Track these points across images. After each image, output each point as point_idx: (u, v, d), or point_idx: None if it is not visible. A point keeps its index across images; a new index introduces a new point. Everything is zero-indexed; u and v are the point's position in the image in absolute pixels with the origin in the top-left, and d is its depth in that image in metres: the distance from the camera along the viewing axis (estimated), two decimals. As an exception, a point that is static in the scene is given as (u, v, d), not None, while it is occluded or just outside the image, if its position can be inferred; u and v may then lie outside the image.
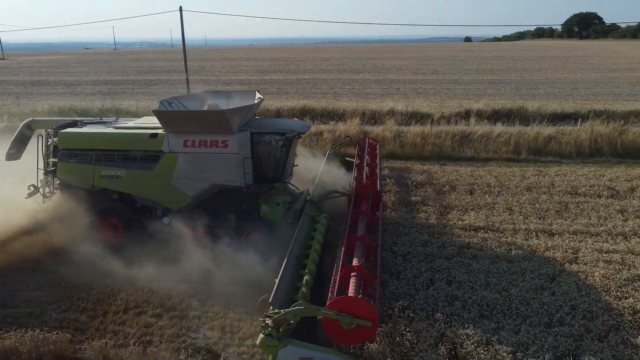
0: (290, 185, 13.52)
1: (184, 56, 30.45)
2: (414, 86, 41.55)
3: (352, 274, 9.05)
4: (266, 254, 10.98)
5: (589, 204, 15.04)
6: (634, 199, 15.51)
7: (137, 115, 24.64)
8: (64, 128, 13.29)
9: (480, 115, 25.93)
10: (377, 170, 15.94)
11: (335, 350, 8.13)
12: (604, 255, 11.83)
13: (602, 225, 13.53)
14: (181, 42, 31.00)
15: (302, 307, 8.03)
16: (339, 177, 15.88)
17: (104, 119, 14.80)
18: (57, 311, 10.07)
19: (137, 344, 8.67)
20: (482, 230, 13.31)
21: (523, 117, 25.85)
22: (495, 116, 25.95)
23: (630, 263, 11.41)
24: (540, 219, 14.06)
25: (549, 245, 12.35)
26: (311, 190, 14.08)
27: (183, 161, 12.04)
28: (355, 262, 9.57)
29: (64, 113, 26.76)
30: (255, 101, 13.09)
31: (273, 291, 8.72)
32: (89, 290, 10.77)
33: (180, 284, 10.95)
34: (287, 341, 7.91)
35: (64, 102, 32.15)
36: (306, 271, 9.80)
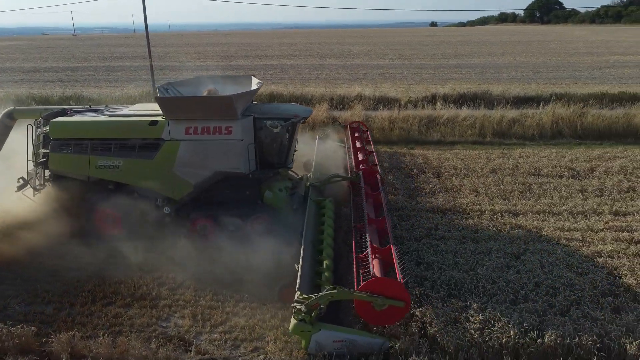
0: (289, 171, 13.38)
1: (147, 42, 29.63)
2: (381, 71, 41.70)
3: (375, 257, 9.22)
4: (274, 240, 10.88)
5: (551, 185, 15.51)
6: (593, 178, 16.06)
7: (99, 102, 24.03)
8: (54, 117, 12.69)
9: (447, 99, 26.26)
10: (374, 153, 16.04)
11: (367, 332, 8.31)
12: (566, 233, 12.25)
13: (563, 204, 13.98)
14: (144, 28, 30.17)
15: (336, 290, 8.18)
16: (334, 162, 15.85)
17: (93, 107, 14.21)
18: (21, 305, 9.79)
19: (106, 334, 8.52)
20: (450, 212, 13.57)
21: (488, 100, 26.31)
22: (460, 100, 26.32)
23: (590, 240, 11.85)
24: (505, 200, 14.42)
25: (513, 225, 12.70)
26: (309, 175, 14.05)
27: (185, 149, 11.74)
28: (375, 244, 9.74)
29: (22, 102, 25.76)
30: (255, 86, 12.79)
31: (298, 277, 8.85)
32: (54, 283, 10.50)
33: (154, 271, 10.81)
34: (320, 325, 8.04)
35: (21, 90, 30.95)
36: (325, 256, 9.91)
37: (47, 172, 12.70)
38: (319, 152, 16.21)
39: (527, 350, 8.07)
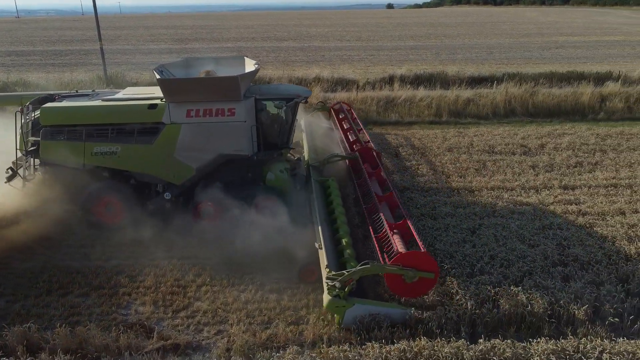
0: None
1: (97, 24, 28.52)
2: (339, 53, 41.65)
3: (394, 232, 9.45)
4: (282, 222, 10.78)
5: (505, 162, 16.01)
6: (544, 155, 16.67)
7: (46, 88, 23.03)
8: (42, 103, 12.01)
9: (404, 80, 26.56)
10: (364, 131, 16.06)
11: (398, 304, 8.58)
12: (519, 207, 12.73)
13: (516, 180, 14.48)
14: (92, 10, 28.98)
15: (369, 265, 8.34)
16: (326, 142, 15.75)
17: (80, 92, 13.55)
18: (-29, 299, 9.40)
19: (63, 325, 8.30)
20: (408, 191, 13.83)
21: (443, 81, 26.75)
22: (417, 81, 26.66)
23: (541, 214, 12.35)
24: (461, 177, 14.80)
25: (469, 201, 13.08)
26: (303, 156, 13.96)
27: (186, 132, 11.34)
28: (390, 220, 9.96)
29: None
30: (253, 67, 12.36)
31: (324, 255, 8.97)
32: (6, 275, 10.12)
33: (112, 260, 10.58)
34: (354, 300, 8.21)
35: (-39, 76, 29.27)
36: (342, 233, 10.02)
37: (37, 162, 12.01)
38: (308, 133, 16.05)
39: (483, 320, 8.41)
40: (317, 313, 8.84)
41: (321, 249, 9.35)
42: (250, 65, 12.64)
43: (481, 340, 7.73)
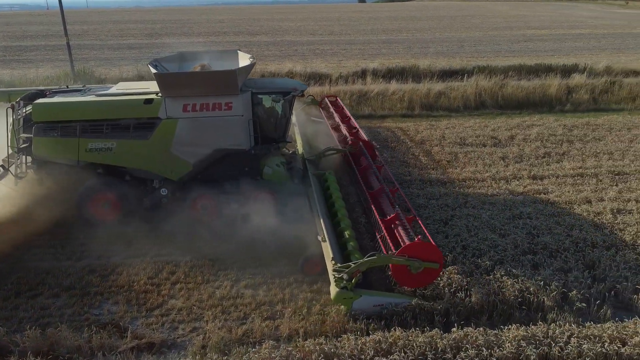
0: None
1: (62, 19, 27.79)
2: (312, 47, 41.56)
3: (397, 223, 9.60)
4: (282, 216, 10.80)
5: (476, 153, 16.28)
6: (513, 146, 17.01)
7: (12, 84, 22.38)
8: (33, 99, 11.65)
9: (376, 74, 26.71)
10: (357, 125, 16.10)
11: (403, 295, 8.69)
12: (490, 198, 12.97)
13: (487, 171, 14.74)
14: (58, 4, 28.22)
15: (375, 257, 8.42)
16: (320, 136, 15.69)
17: (71, 87, 13.19)
18: None
19: (33, 327, 8.12)
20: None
21: (415, 74, 27.01)
22: (389, 74, 26.85)
23: (511, 204, 12.62)
24: (433, 170, 14.99)
25: (442, 192, 13.27)
26: (296, 149, 13.94)
27: (183, 127, 11.18)
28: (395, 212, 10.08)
29: None
30: (249, 61, 12.24)
31: (329, 248, 9.10)
32: (-29, 278, 9.84)
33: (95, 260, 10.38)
34: (361, 292, 8.39)
35: None
36: (344, 226, 10.11)
37: (29, 159, 11.71)
38: (300, 127, 15.93)
39: (456, 309, 8.57)
40: (293, 307, 8.87)
41: (325, 241, 9.45)
42: (244, 59, 12.59)
43: (454, 329, 7.88)
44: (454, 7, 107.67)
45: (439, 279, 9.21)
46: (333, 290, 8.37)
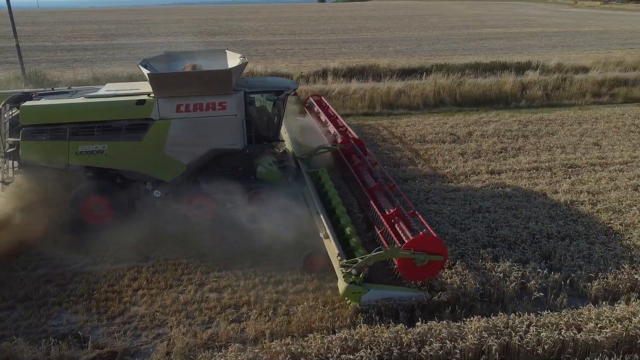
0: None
1: (11, 19, 26.72)
2: (272, 47, 41.41)
3: (398, 219, 9.80)
4: (281, 214, 10.74)
5: (436, 150, 16.60)
6: (472, 142, 17.43)
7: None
8: (19, 102, 11.19)
9: (337, 73, 26.84)
10: (344, 123, 16.14)
11: (409, 288, 8.95)
12: (450, 193, 13.24)
13: (447, 167, 15.05)
14: (6, 4, 27.12)
15: (382, 251, 8.70)
16: (306, 133, 15.74)
17: (57, 89, 12.79)
18: None
19: (-13, 342, 7.79)
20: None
21: (375, 73, 27.29)
22: (350, 74, 27.05)
23: (470, 198, 12.92)
24: (395, 167, 15.21)
25: (403, 189, 13.41)
26: (286, 148, 13.91)
27: (176, 128, 11.01)
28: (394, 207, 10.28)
29: None
30: (239, 60, 12.11)
31: (333, 245, 9.22)
32: None
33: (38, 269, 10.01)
34: (369, 286, 8.56)
35: None
36: (344, 223, 10.24)
37: (15, 164, 11.29)
38: (287, 126, 15.76)
39: (420, 304, 8.71)
40: (259, 309, 8.82)
41: (327, 238, 9.55)
42: (234, 59, 12.56)
43: (419, 323, 8.01)
44: (411, 6, 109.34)
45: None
46: (342, 285, 8.52)
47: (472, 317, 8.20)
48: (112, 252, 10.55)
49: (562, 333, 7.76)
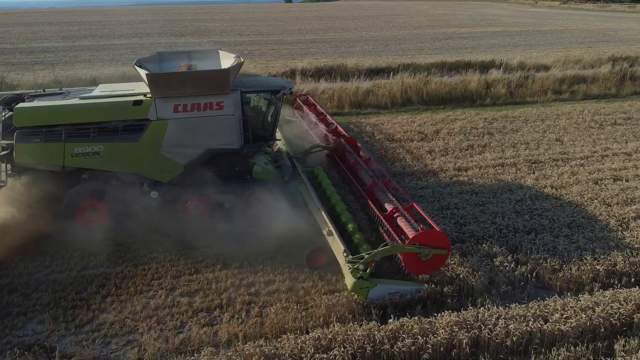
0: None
1: (-34, 21, 25.81)
2: (240, 48, 41.08)
3: (399, 214, 9.95)
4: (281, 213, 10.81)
5: (404, 148, 16.80)
6: (439, 140, 17.71)
7: None
8: (10, 103, 10.90)
9: (305, 73, 26.84)
10: (334, 121, 16.15)
11: (415, 282, 9.18)
12: (419, 191, 13.43)
13: (415, 165, 15.26)
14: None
15: (389, 246, 8.93)
16: (297, 132, 15.82)
17: (48, 91, 12.47)
18: None
19: (-53, 356, 7.51)
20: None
21: (343, 73, 27.40)
22: (318, 74, 27.07)
23: (439, 195, 13.14)
24: (365, 166, 15.30)
25: (373, 188, 13.56)
26: (279, 148, 13.92)
27: (173, 128, 10.97)
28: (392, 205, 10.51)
29: None
30: (234, 60, 12.16)
31: (338, 241, 9.41)
32: None
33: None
34: (376, 281, 8.77)
35: None
36: (346, 220, 10.46)
37: (9, 167, 11.06)
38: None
39: (392, 302, 8.81)
40: (231, 312, 8.76)
41: (331, 235, 9.69)
42: (227, 58, 12.61)
43: (391, 320, 8.11)
44: (378, 6, 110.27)
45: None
46: (349, 280, 8.66)
47: (442, 312, 8.35)
48: (79, 259, 10.29)
49: (530, 324, 7.99)
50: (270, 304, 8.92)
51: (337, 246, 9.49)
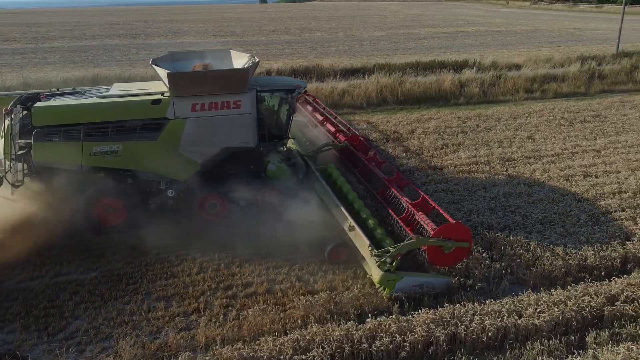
0: None
1: None
2: (215, 48, 40.81)
3: (417, 209, 10.23)
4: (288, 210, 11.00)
5: (380, 148, 16.90)
6: (414, 139, 17.88)
7: None
8: (27, 103, 10.78)
9: (281, 74, 26.73)
10: (341, 119, 16.18)
11: (439, 274, 9.48)
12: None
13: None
14: None
15: (414, 240, 9.16)
16: (308, 132, 15.83)
17: (62, 90, 12.32)
18: None
19: None
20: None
21: (319, 74, 27.46)
22: (294, 74, 27.03)
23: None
24: (341, 166, 15.34)
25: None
26: (289, 147, 13.91)
27: (191, 127, 11.10)
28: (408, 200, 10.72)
29: None
30: (248, 59, 12.35)
31: (362, 236, 9.53)
32: None
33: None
34: (402, 274, 9.02)
35: None
36: (365, 216, 10.64)
37: (25, 166, 10.91)
38: None
39: (369, 301, 8.87)
40: (209, 315, 8.68)
41: (353, 230, 9.83)
42: (238, 58, 12.76)
43: (369, 320, 8.15)
44: (352, 7, 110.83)
45: (352, 272, 9.48)
46: (377, 274, 8.86)
47: (420, 310, 8.43)
48: (51, 266, 10.07)
49: (505, 320, 8.12)
50: (248, 306, 8.87)
51: (361, 241, 9.66)
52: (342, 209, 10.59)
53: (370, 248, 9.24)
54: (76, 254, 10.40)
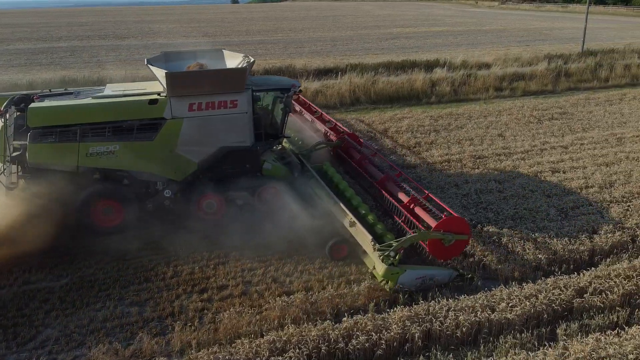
0: None
1: None
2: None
3: (415, 204, 10.38)
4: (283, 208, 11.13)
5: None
6: (387, 138, 18.02)
7: None
8: (20, 103, 10.52)
9: (254, 75, 26.61)
10: (331, 118, 16.21)
11: (441, 267, 9.68)
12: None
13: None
14: None
15: (417, 234, 9.42)
16: (300, 131, 15.77)
17: (54, 91, 12.19)
18: None
19: None
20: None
21: (292, 74, 27.39)
22: (267, 75, 26.91)
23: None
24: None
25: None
26: (282, 145, 13.84)
27: (188, 126, 11.08)
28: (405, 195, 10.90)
29: None
30: (242, 58, 12.45)
31: (364, 231, 9.72)
32: None
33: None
34: (405, 267, 9.16)
35: None
36: (364, 212, 10.82)
37: (19, 168, 10.88)
38: None
39: (345, 300, 8.91)
40: (184, 319, 8.59)
41: (354, 226, 9.93)
42: (231, 58, 12.78)
43: (345, 319, 8.19)
44: (323, 7, 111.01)
45: (325, 271, 9.51)
46: (381, 268, 8.95)
47: (395, 308, 8.51)
48: (20, 273, 9.80)
49: (478, 315, 8.26)
50: (224, 309, 8.81)
51: (363, 236, 9.77)
52: (341, 204, 10.72)
53: (372, 243, 9.43)
54: (46, 260, 10.15)
